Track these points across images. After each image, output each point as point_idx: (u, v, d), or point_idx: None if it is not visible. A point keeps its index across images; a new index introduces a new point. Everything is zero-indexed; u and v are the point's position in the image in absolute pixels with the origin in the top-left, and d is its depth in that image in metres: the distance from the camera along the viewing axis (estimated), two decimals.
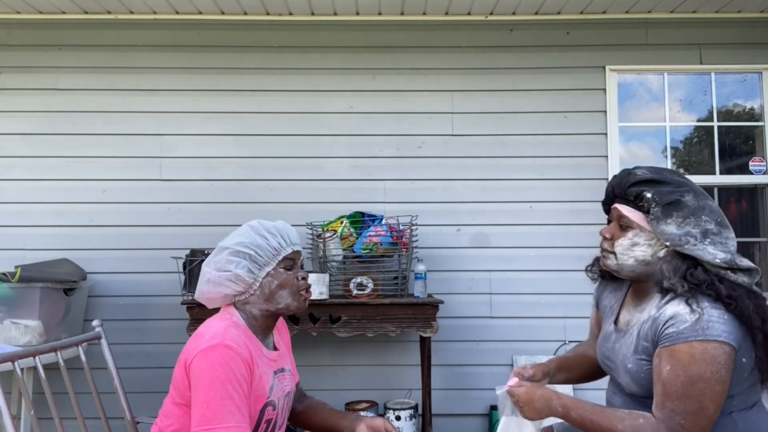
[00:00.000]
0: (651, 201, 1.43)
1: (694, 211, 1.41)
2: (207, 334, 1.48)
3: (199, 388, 1.40)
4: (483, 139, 3.39)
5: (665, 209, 1.41)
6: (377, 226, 2.94)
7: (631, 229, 1.49)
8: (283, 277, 1.57)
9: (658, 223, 1.42)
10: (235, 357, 1.43)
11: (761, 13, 3.42)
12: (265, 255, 1.55)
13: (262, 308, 1.57)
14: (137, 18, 3.41)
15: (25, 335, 2.75)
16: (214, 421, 1.37)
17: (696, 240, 1.40)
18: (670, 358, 1.34)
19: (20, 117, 3.35)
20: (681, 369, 1.32)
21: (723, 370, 1.31)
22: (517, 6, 3.33)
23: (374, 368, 3.30)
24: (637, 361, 1.45)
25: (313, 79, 3.40)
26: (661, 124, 3.48)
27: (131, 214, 3.31)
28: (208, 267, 1.56)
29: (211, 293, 1.56)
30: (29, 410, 1.60)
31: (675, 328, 1.35)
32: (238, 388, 1.41)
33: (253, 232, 1.57)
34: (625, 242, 1.49)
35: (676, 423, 1.32)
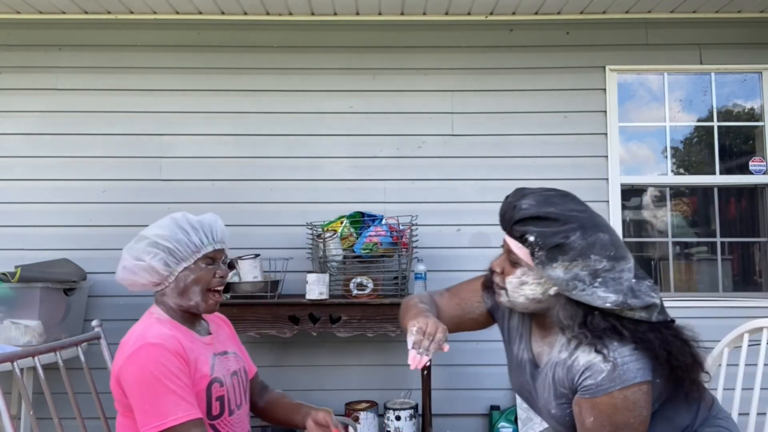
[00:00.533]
0: (534, 245, 1.31)
1: (582, 251, 1.29)
2: (130, 340, 1.47)
3: (137, 392, 1.39)
4: (483, 139, 3.38)
5: (550, 253, 1.30)
6: (377, 226, 2.94)
7: (519, 266, 1.39)
8: (199, 273, 1.54)
9: (544, 268, 1.32)
10: (163, 351, 1.41)
11: (761, 13, 3.41)
12: (184, 250, 1.53)
13: (176, 302, 1.56)
14: (137, 18, 3.41)
15: (24, 335, 2.75)
16: (161, 417, 1.36)
17: (584, 284, 1.30)
18: (593, 410, 1.31)
19: (20, 117, 3.35)
20: (605, 419, 1.30)
21: (644, 410, 1.29)
22: (517, 6, 3.33)
23: (374, 368, 3.30)
24: (559, 406, 1.41)
25: (313, 79, 3.40)
26: (661, 124, 3.48)
27: (131, 214, 3.31)
28: (127, 253, 1.54)
29: (126, 280, 1.55)
30: (29, 410, 1.60)
31: (593, 380, 1.30)
32: (176, 380, 1.40)
33: (174, 225, 1.55)
34: (514, 280, 1.40)
35: None
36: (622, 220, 3.38)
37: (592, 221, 1.35)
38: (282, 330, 2.75)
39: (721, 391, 1.95)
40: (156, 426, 1.36)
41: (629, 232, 3.45)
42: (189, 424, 1.38)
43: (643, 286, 1.34)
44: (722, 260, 3.44)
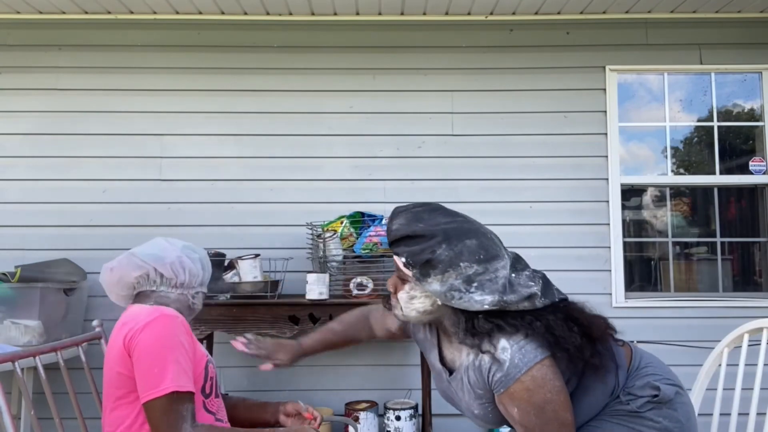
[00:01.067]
0: (407, 265, 1.40)
1: (451, 262, 1.35)
2: (141, 313, 1.54)
3: (149, 358, 1.45)
4: (483, 139, 3.39)
5: (422, 270, 1.37)
6: (377, 226, 2.94)
7: (407, 282, 1.44)
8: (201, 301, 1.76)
9: (422, 284, 1.39)
10: (178, 323, 1.52)
11: (761, 13, 3.42)
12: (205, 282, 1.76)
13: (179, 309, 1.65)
14: (137, 18, 3.41)
15: (25, 335, 2.75)
16: (165, 382, 1.42)
17: (461, 292, 1.35)
18: (513, 401, 1.35)
19: (20, 117, 3.35)
20: (525, 405, 1.34)
21: (557, 381, 1.34)
22: (517, 6, 3.33)
23: (374, 368, 3.30)
24: (480, 406, 1.45)
25: (313, 79, 3.40)
26: (661, 124, 3.48)
27: (131, 214, 3.32)
28: (179, 249, 1.68)
29: (161, 268, 1.63)
30: (29, 410, 1.60)
31: (501, 373, 1.35)
32: (184, 354, 1.48)
33: (207, 261, 1.77)
34: (404, 296, 1.46)
35: None
36: (622, 220, 3.38)
37: (459, 230, 1.40)
38: (282, 330, 2.75)
39: (720, 391, 1.95)
40: (162, 389, 1.41)
41: (629, 232, 3.46)
42: (187, 395, 1.44)
43: (522, 278, 1.41)
44: (722, 260, 3.44)
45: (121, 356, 1.50)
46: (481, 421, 1.49)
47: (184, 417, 1.41)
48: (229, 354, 3.25)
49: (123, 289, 1.65)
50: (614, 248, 3.32)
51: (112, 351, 1.53)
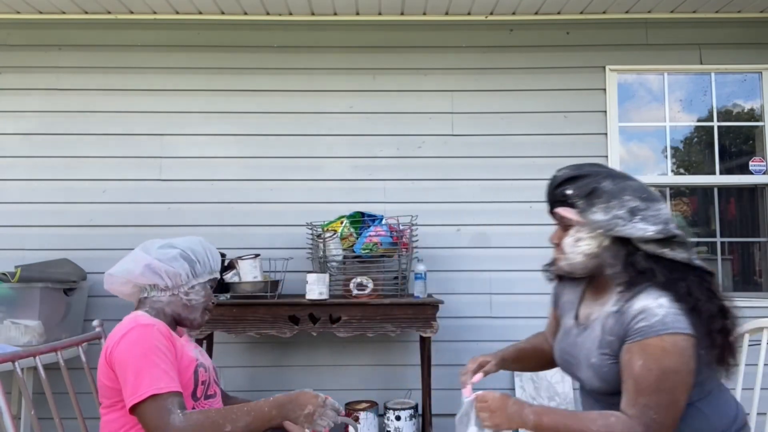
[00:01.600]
0: (573, 196, 1.50)
1: (615, 193, 1.46)
2: (121, 327, 1.56)
3: (126, 366, 1.46)
4: (483, 139, 3.39)
5: (587, 200, 1.47)
6: (377, 226, 2.94)
7: (571, 227, 1.53)
8: (206, 292, 1.73)
9: (587, 215, 1.47)
10: (153, 331, 1.52)
11: (761, 13, 3.42)
12: (204, 268, 1.71)
13: (175, 311, 1.68)
14: (137, 18, 3.41)
15: (25, 335, 2.75)
16: (142, 388, 1.42)
17: (624, 220, 1.43)
18: (642, 353, 1.35)
19: (20, 117, 3.35)
20: (653, 363, 1.34)
21: (692, 361, 1.34)
22: (517, 6, 3.33)
23: (374, 368, 3.30)
24: (600, 356, 1.46)
25: (313, 79, 3.40)
26: (661, 124, 3.48)
27: (131, 214, 3.32)
28: (149, 255, 1.65)
29: (138, 278, 1.64)
30: (29, 410, 1.60)
31: (646, 322, 1.36)
32: (162, 357, 1.48)
33: (201, 246, 1.73)
34: (569, 240, 1.52)
35: (649, 418, 1.33)
36: None
37: (622, 174, 1.54)
38: (282, 330, 2.75)
39: None
40: (138, 395, 1.42)
41: None
42: (170, 395, 1.44)
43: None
44: (722, 260, 3.44)
45: (104, 368, 1.54)
46: (593, 372, 1.47)
47: (169, 410, 1.41)
48: (228, 354, 3.25)
49: (129, 298, 1.72)
50: None
51: (100, 362, 1.57)
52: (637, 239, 1.42)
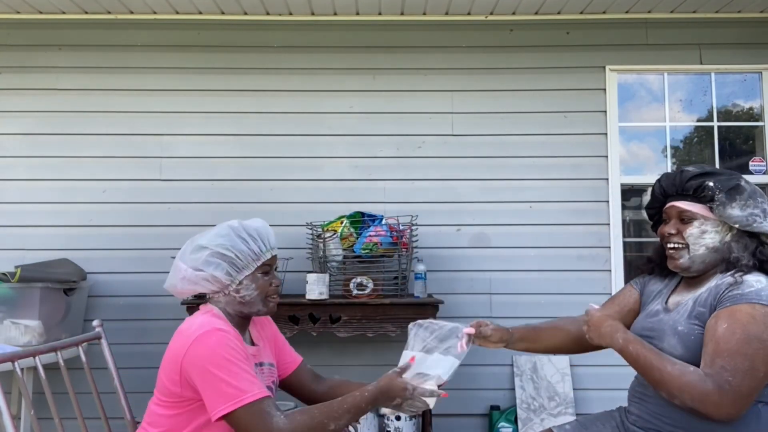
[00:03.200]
0: (714, 189, 1.51)
1: (752, 194, 1.52)
2: (193, 326, 1.49)
3: (210, 372, 1.40)
4: (483, 139, 3.39)
5: (728, 195, 1.50)
6: (377, 226, 2.94)
7: (695, 220, 1.55)
8: (259, 282, 1.58)
9: (725, 208, 1.50)
10: (230, 337, 1.46)
11: (761, 13, 3.42)
12: (245, 259, 1.56)
13: (236, 309, 1.59)
14: (137, 18, 3.41)
15: (25, 335, 2.75)
16: (241, 393, 1.38)
17: (761, 218, 1.50)
18: (729, 318, 1.37)
19: (20, 117, 3.35)
20: (738, 327, 1.35)
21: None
22: (517, 6, 3.33)
23: (374, 368, 3.29)
24: (689, 325, 1.47)
25: (313, 79, 3.40)
26: (661, 124, 3.48)
27: (131, 214, 3.31)
28: (184, 263, 1.56)
29: (185, 290, 1.58)
30: (29, 410, 1.60)
31: (739, 291, 1.40)
32: (244, 363, 1.44)
33: (234, 234, 1.57)
34: (695, 231, 1.54)
35: (724, 379, 1.32)
36: (622, 220, 3.38)
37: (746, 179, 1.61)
38: (282, 330, 2.74)
39: None
40: (237, 401, 1.38)
41: (629, 232, 3.46)
42: (266, 399, 1.41)
43: None
44: None
45: (172, 372, 1.47)
46: (677, 339, 1.48)
47: (270, 413, 1.39)
48: None
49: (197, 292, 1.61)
50: (614, 248, 3.32)
51: (168, 360, 1.50)
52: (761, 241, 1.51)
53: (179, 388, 1.47)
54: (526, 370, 3.24)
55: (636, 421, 1.56)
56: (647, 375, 1.43)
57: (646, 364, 1.42)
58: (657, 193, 1.65)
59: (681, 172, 1.60)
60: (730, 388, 1.31)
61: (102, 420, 1.85)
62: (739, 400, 1.31)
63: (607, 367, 3.14)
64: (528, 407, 3.15)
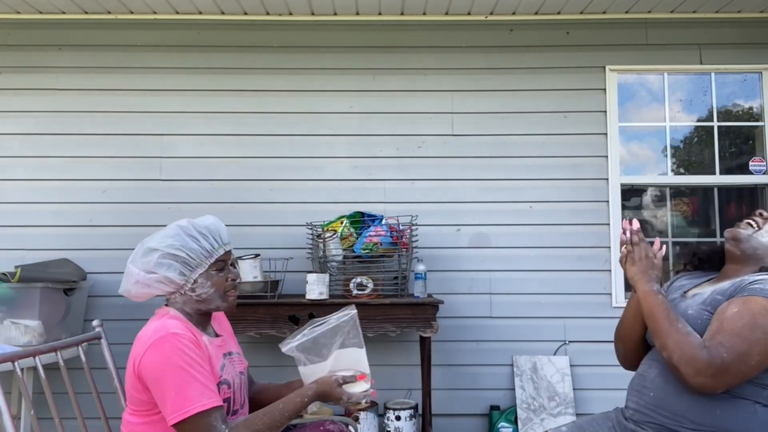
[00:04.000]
0: None
1: None
2: (148, 332, 1.49)
3: (161, 381, 1.41)
4: (483, 139, 3.39)
5: None
6: (377, 226, 2.94)
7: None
8: (214, 279, 1.58)
9: None
10: (184, 341, 1.44)
11: (761, 13, 3.42)
12: (197, 258, 1.56)
13: (194, 307, 1.59)
14: (137, 18, 3.41)
15: (25, 335, 2.75)
16: (187, 404, 1.39)
17: None
18: (742, 304, 1.39)
19: (20, 117, 3.35)
20: (748, 314, 1.36)
21: None
22: (517, 6, 3.33)
23: (374, 368, 3.27)
24: (700, 310, 1.48)
25: (313, 79, 3.40)
26: (661, 124, 3.48)
27: (131, 214, 3.32)
28: (135, 267, 1.54)
29: (140, 294, 1.57)
30: (29, 410, 1.60)
31: (760, 285, 1.41)
32: (198, 368, 1.43)
33: (183, 233, 1.56)
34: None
35: (718, 353, 1.34)
36: (622, 220, 3.38)
37: None
38: (282, 330, 2.75)
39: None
40: (182, 413, 1.38)
41: None
42: (213, 410, 1.41)
43: None
44: None
45: (132, 378, 1.49)
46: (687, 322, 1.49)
47: (215, 426, 1.39)
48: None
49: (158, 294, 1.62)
50: (614, 248, 3.32)
51: (128, 370, 1.51)
52: None
53: (142, 395, 1.48)
54: (526, 370, 3.24)
55: (633, 415, 1.56)
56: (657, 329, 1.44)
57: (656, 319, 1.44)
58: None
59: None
60: (720, 362, 1.34)
61: (102, 420, 1.85)
62: (720, 375, 1.34)
63: (607, 367, 3.14)
64: (528, 407, 3.15)
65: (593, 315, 3.27)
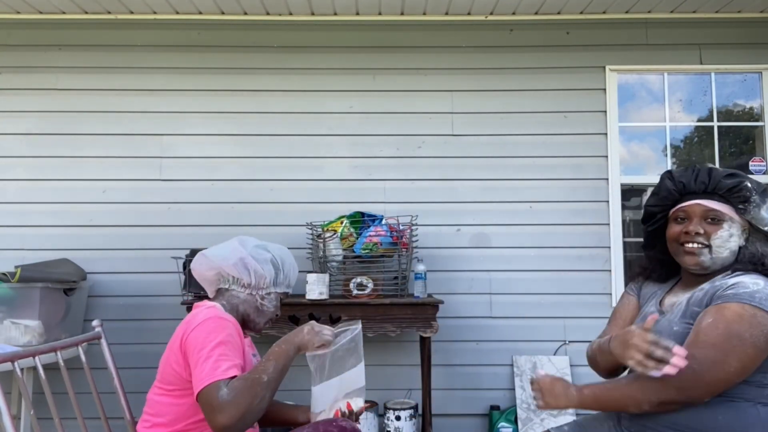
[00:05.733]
0: (752, 190, 1.49)
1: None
2: (199, 315, 1.61)
3: (200, 352, 1.51)
4: (483, 139, 3.39)
5: (762, 196, 1.50)
6: (377, 226, 2.94)
7: (723, 221, 1.50)
8: (274, 303, 1.79)
9: (759, 210, 1.49)
10: (229, 324, 1.59)
11: (761, 13, 3.42)
12: (283, 282, 1.79)
13: (247, 311, 1.75)
14: (137, 18, 3.41)
15: (25, 335, 2.75)
16: (216, 374, 1.47)
17: None
18: (716, 313, 1.36)
19: (20, 117, 3.35)
20: (722, 323, 1.34)
21: (763, 338, 1.32)
22: (517, 6, 3.33)
23: (374, 368, 3.30)
24: (683, 324, 1.46)
25: (313, 79, 3.40)
26: (661, 124, 3.48)
27: (131, 214, 3.32)
28: (246, 250, 1.72)
29: (229, 268, 1.70)
30: (29, 410, 1.60)
31: (734, 291, 1.38)
32: (236, 352, 1.55)
33: (289, 260, 1.81)
34: (724, 234, 1.50)
35: (689, 367, 1.29)
36: (622, 220, 3.38)
37: None
38: (282, 330, 2.75)
39: None
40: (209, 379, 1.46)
41: (629, 232, 3.46)
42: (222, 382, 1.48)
43: None
44: None
45: (176, 354, 1.59)
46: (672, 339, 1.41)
47: (219, 387, 1.46)
48: None
49: (206, 285, 1.79)
50: (614, 248, 3.32)
51: (173, 346, 1.62)
52: None
53: (185, 371, 1.56)
54: (526, 370, 3.24)
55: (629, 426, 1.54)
56: (616, 406, 1.42)
57: (608, 397, 1.42)
58: (672, 190, 1.58)
59: (710, 170, 1.54)
60: (692, 374, 1.31)
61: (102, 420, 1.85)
62: (696, 387, 1.32)
63: None
64: (528, 407, 3.15)
65: (593, 315, 3.27)
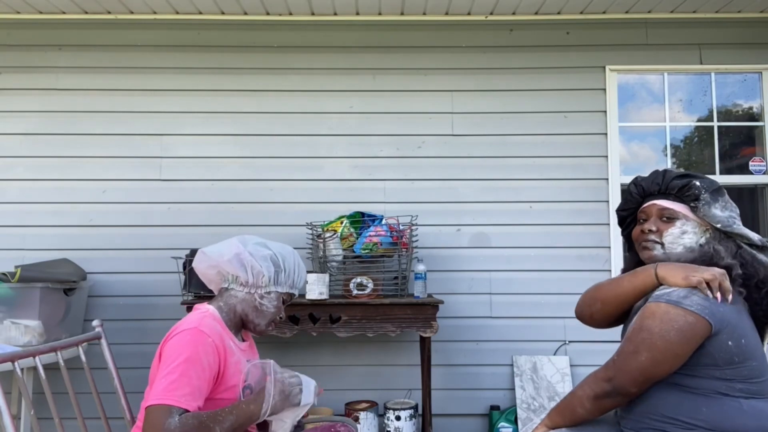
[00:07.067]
0: (701, 188, 1.53)
1: (727, 197, 1.58)
2: (184, 323, 1.56)
3: (166, 363, 1.46)
4: (483, 139, 3.39)
5: (713, 195, 1.54)
6: (377, 226, 2.94)
7: (676, 219, 1.56)
8: (276, 303, 1.70)
9: (709, 208, 1.53)
10: (207, 340, 1.50)
11: (761, 13, 3.42)
12: (285, 281, 1.70)
13: (245, 311, 1.67)
14: (137, 18, 3.41)
15: (25, 335, 2.75)
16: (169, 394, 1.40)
17: (737, 220, 1.54)
18: (639, 314, 1.45)
19: (20, 117, 3.35)
20: (639, 319, 1.43)
21: (673, 332, 1.38)
22: (517, 6, 3.33)
23: (374, 368, 3.30)
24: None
25: (313, 79, 3.40)
26: (661, 124, 3.48)
27: (131, 214, 3.32)
28: (245, 247, 1.66)
29: (225, 264, 1.64)
30: (29, 410, 1.60)
31: (657, 293, 1.45)
32: (201, 372, 1.47)
33: (292, 258, 1.72)
34: (676, 231, 1.55)
35: (611, 359, 1.45)
36: None
37: None
38: (282, 330, 2.75)
39: None
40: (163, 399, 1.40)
41: None
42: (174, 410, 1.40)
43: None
44: None
45: (157, 360, 1.54)
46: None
47: (171, 413, 1.39)
48: None
49: (211, 284, 1.73)
50: (614, 248, 3.32)
51: (157, 354, 1.57)
52: (743, 238, 1.53)
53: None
54: (526, 370, 3.24)
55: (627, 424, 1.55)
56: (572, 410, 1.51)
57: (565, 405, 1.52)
58: (634, 194, 1.65)
59: (664, 172, 1.61)
60: (612, 364, 1.44)
61: (102, 420, 1.85)
62: (618, 376, 1.42)
63: None
64: (528, 407, 3.15)
65: None
